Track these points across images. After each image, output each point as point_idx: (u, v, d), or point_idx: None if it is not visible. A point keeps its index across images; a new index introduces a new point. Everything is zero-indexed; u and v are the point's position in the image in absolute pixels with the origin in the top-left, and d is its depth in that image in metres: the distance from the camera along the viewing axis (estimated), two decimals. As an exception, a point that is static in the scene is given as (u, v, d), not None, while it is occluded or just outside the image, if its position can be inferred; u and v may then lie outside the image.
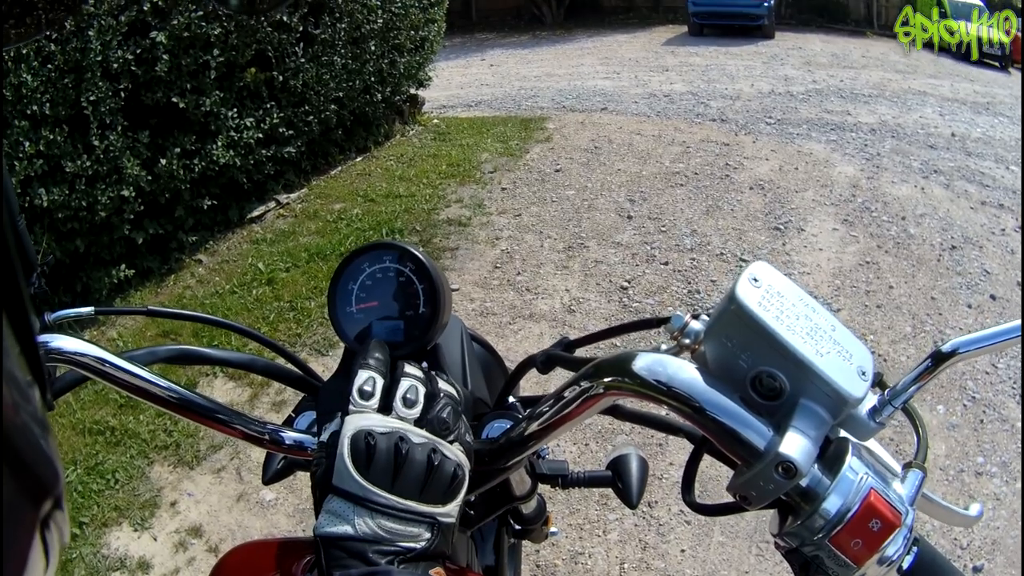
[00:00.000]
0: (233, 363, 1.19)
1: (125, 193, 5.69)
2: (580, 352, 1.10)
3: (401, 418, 0.93)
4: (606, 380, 0.83)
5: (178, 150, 6.13)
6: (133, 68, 5.67)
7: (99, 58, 5.34)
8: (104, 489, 4.05)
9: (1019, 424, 4.63)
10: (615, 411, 1.11)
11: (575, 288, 6.05)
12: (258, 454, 4.19)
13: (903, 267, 6.47)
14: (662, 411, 0.90)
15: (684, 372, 0.78)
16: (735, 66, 17.75)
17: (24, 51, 4.80)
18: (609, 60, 19.03)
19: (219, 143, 6.59)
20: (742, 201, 7.91)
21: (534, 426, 0.96)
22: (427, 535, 0.87)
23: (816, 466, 0.74)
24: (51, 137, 5.09)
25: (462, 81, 16.28)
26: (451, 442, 0.94)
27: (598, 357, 0.88)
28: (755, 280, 0.79)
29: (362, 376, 0.95)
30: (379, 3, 8.88)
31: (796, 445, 0.72)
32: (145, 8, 5.67)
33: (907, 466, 0.79)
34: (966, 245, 7.16)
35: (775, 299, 0.78)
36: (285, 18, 7.21)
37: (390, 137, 10.31)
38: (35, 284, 0.95)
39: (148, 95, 5.93)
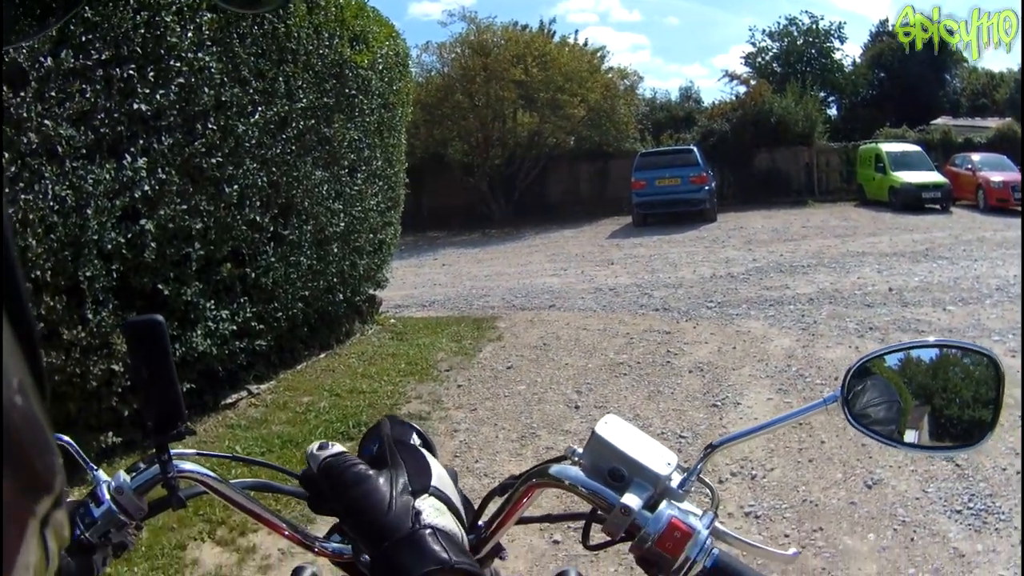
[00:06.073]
0: (294, 495, 1.51)
1: (115, 367, 5.95)
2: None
3: None
4: (535, 480, 1.34)
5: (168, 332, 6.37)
6: (124, 251, 6.02)
7: (95, 237, 5.69)
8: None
9: (950, 535, 4.93)
10: (545, 519, 1.62)
11: (528, 472, 6.34)
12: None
13: (834, 422, 6.63)
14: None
15: (574, 472, 1.30)
16: (678, 253, 18.43)
17: (31, 217, 5.13)
18: (556, 256, 19.78)
19: (198, 331, 6.92)
20: (682, 384, 8.27)
21: (496, 520, 1.42)
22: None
23: (645, 511, 1.23)
24: (51, 304, 5.38)
25: (416, 281, 16.83)
26: None
27: None
28: (606, 423, 1.32)
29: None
30: (341, 207, 9.48)
31: (629, 499, 1.22)
32: (136, 195, 6.09)
33: (705, 511, 1.28)
34: (896, 392, 7.52)
35: (616, 431, 1.31)
36: (257, 218, 7.70)
37: (351, 335, 10.68)
38: (181, 427, 1.29)
39: (136, 279, 6.28)
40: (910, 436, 1.34)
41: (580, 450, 1.35)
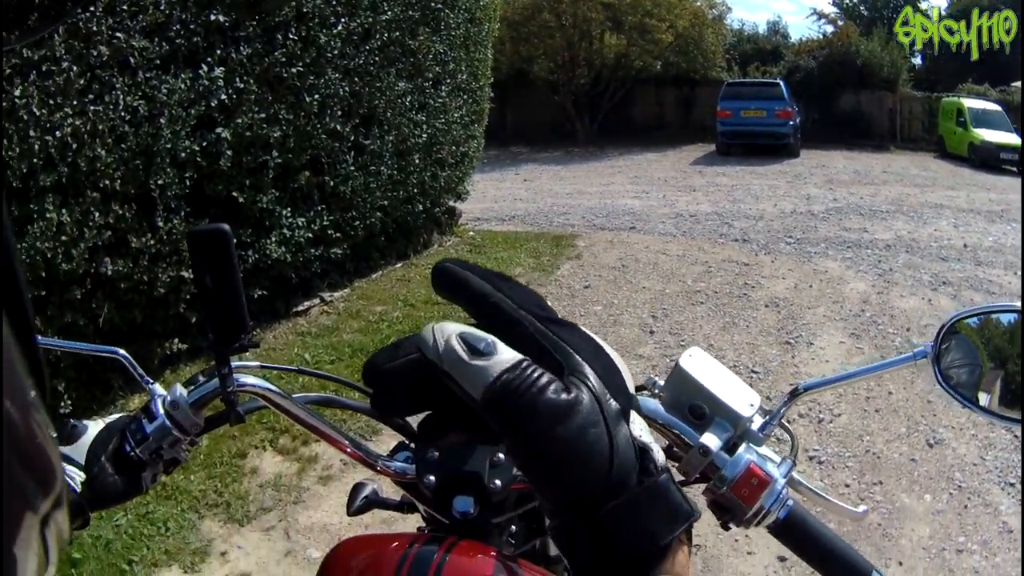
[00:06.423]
0: (360, 410, 1.52)
1: (184, 274, 5.97)
2: None
3: None
4: None
5: (234, 241, 6.33)
6: (199, 159, 6.02)
7: (168, 145, 5.68)
8: (155, 535, 4.30)
9: (1002, 508, 4.86)
10: None
11: (598, 394, 6.34)
12: (304, 518, 4.55)
13: (903, 374, 6.51)
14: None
15: (653, 404, 1.24)
16: (760, 186, 18.28)
17: (100, 128, 5.10)
18: (639, 179, 19.65)
19: (272, 239, 6.94)
20: (757, 318, 8.24)
21: None
22: None
23: (723, 454, 1.18)
24: (120, 212, 5.39)
25: (496, 195, 16.79)
26: None
27: None
28: (690, 356, 1.22)
29: None
30: (424, 118, 9.45)
31: (709, 439, 1.17)
32: (213, 104, 6.09)
33: (784, 458, 1.23)
34: (966, 350, 7.38)
35: (700, 366, 1.22)
36: (338, 127, 7.66)
37: (428, 246, 10.69)
38: (244, 339, 1.23)
39: (211, 186, 6.29)
40: (983, 399, 1.31)
41: (660, 382, 1.29)
